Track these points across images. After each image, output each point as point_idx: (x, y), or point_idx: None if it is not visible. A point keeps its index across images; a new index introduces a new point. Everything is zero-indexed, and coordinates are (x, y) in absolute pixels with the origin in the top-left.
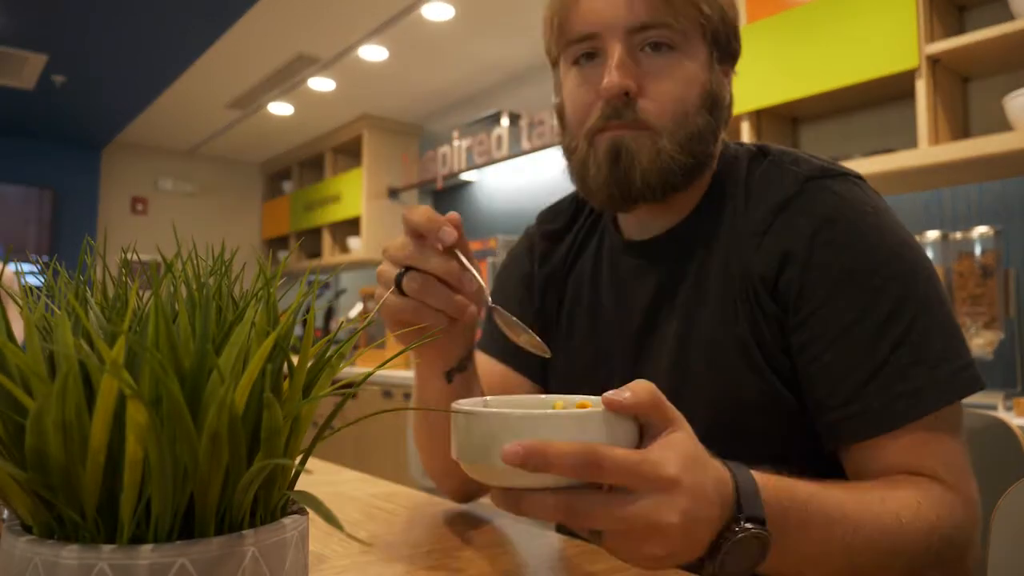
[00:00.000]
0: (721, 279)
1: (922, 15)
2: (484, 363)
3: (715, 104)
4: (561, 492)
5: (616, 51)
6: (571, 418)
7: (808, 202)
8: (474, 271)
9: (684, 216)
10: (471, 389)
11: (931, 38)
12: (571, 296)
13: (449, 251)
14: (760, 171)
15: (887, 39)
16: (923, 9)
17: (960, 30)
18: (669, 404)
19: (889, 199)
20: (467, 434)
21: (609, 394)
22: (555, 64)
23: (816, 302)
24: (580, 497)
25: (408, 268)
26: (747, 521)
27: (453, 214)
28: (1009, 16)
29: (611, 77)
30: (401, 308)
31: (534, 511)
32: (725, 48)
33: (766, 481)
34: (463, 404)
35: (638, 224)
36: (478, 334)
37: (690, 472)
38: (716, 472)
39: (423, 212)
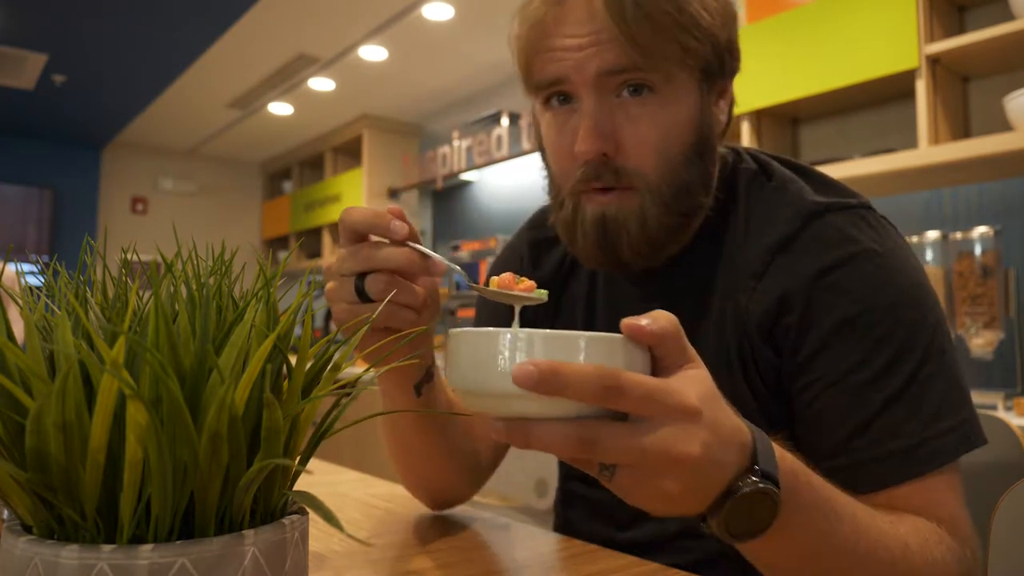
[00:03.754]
0: (716, 323)
1: (922, 15)
2: None
3: (706, 147)
4: (573, 422)
5: (588, 103)
6: (588, 340)
7: (809, 242)
8: (433, 253)
9: (684, 244)
10: (439, 401)
11: (931, 38)
12: (566, 313)
13: (399, 243)
14: (761, 198)
15: (887, 39)
16: (923, 9)
17: (960, 30)
18: (687, 341)
19: (889, 199)
20: (471, 358)
21: (629, 320)
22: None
23: (813, 347)
24: (594, 427)
25: (362, 274)
26: (762, 476)
27: (394, 207)
28: (1009, 16)
29: (584, 143)
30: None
31: (544, 443)
32: (719, 72)
33: (784, 451)
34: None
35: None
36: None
37: (710, 407)
38: (733, 418)
39: (365, 211)
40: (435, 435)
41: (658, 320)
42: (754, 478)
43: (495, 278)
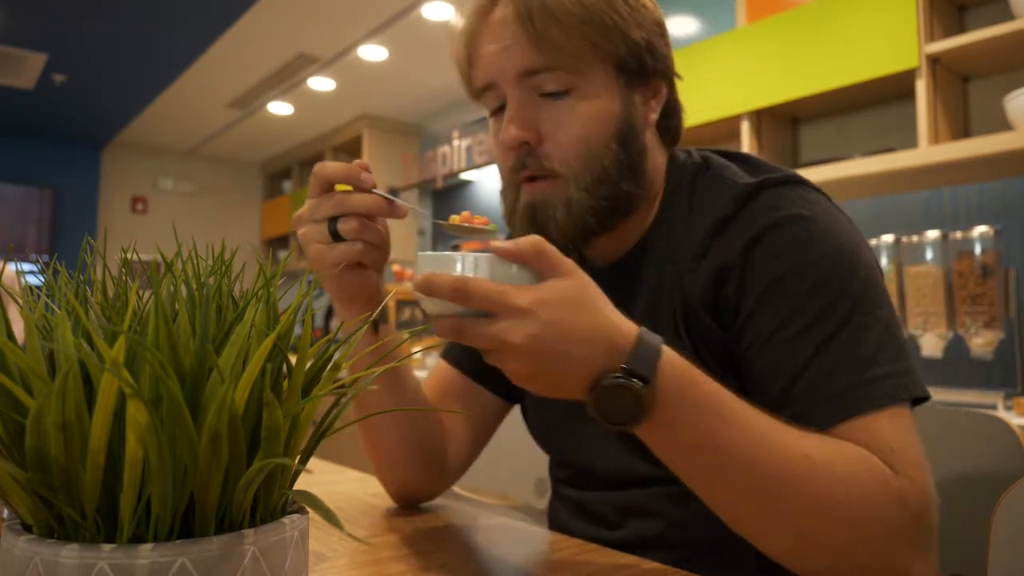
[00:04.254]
0: (668, 308)
1: (922, 15)
2: (443, 371)
3: (629, 139)
4: (454, 318)
5: (511, 100)
6: (465, 258)
7: (743, 219)
8: (395, 199)
9: (638, 239)
10: (392, 340)
11: (931, 38)
12: None
13: (366, 191)
14: (701, 188)
15: (887, 39)
16: (923, 9)
17: (960, 30)
18: (559, 256)
19: (889, 199)
20: (415, 273)
21: (496, 242)
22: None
23: (747, 312)
24: (462, 320)
25: (333, 218)
26: (628, 375)
27: (362, 161)
28: (1009, 16)
29: (507, 131)
30: (344, 254)
31: (439, 332)
32: (639, 71)
33: (680, 360)
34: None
35: (597, 249)
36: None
37: (553, 309)
38: (607, 323)
39: (337, 165)
40: (402, 404)
41: (519, 242)
42: (618, 374)
43: (455, 216)
